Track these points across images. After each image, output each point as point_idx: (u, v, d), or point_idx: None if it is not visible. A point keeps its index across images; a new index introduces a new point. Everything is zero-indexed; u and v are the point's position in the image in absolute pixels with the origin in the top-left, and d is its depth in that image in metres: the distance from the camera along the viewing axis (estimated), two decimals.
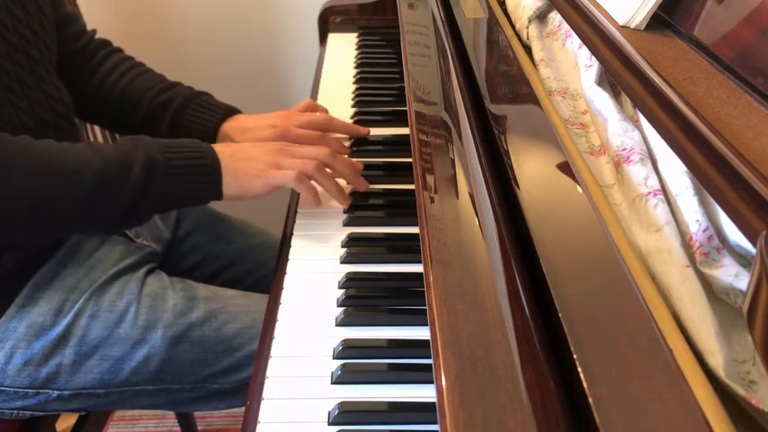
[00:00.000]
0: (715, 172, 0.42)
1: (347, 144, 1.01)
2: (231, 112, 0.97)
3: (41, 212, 0.70)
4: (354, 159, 0.97)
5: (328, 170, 0.82)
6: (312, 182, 0.80)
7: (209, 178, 0.76)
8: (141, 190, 0.72)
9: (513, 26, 0.83)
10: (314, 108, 1.00)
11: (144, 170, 0.72)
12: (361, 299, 0.71)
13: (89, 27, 1.06)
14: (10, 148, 0.69)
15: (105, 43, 1.04)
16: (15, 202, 0.68)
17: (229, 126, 0.95)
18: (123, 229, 0.86)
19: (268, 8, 1.75)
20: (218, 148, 0.78)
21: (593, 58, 0.65)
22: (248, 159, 0.78)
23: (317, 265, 0.77)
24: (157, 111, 0.96)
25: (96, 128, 1.29)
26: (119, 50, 1.04)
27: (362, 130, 1.01)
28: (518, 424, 0.38)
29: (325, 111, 1.01)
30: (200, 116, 0.96)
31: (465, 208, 0.59)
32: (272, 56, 1.82)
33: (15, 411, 0.82)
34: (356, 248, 0.78)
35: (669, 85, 0.50)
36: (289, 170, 0.78)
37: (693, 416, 0.33)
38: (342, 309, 0.70)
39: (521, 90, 0.67)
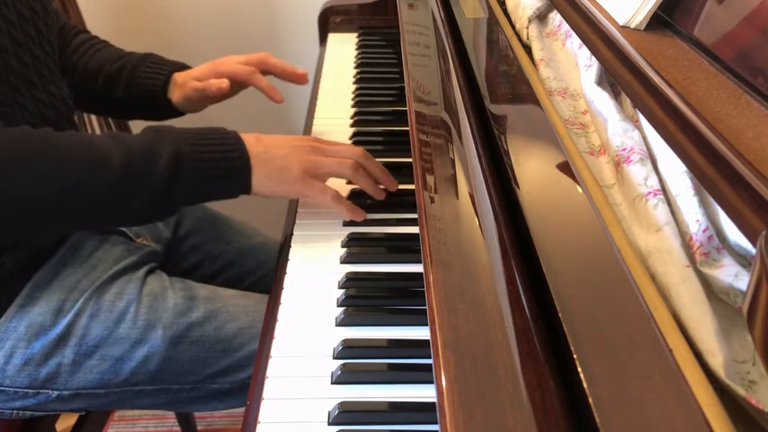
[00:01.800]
0: (715, 172, 0.42)
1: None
2: (183, 66, 1.02)
3: (66, 204, 0.68)
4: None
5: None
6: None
7: (238, 171, 0.74)
8: (168, 181, 0.70)
9: (513, 26, 0.83)
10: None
11: (171, 161, 0.70)
12: (361, 299, 0.71)
13: (88, 25, 1.07)
14: (32, 140, 0.68)
15: (72, 26, 1.06)
16: (40, 193, 0.66)
17: (177, 74, 1.00)
18: (148, 222, 0.84)
19: (268, 8, 1.75)
20: (249, 140, 0.76)
21: (593, 58, 0.65)
22: (283, 159, 0.76)
23: (317, 265, 0.77)
24: (114, 74, 1.00)
25: (95, 125, 1.29)
26: (84, 31, 1.07)
27: (299, 72, 1.02)
28: (518, 424, 0.38)
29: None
30: (151, 71, 1.00)
31: (465, 208, 0.59)
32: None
33: (15, 411, 0.82)
34: (356, 248, 0.78)
35: (669, 85, 0.50)
36: (326, 189, 0.77)
37: (693, 416, 0.33)
38: (342, 309, 0.70)
39: (521, 90, 0.67)
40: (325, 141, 0.82)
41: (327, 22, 1.46)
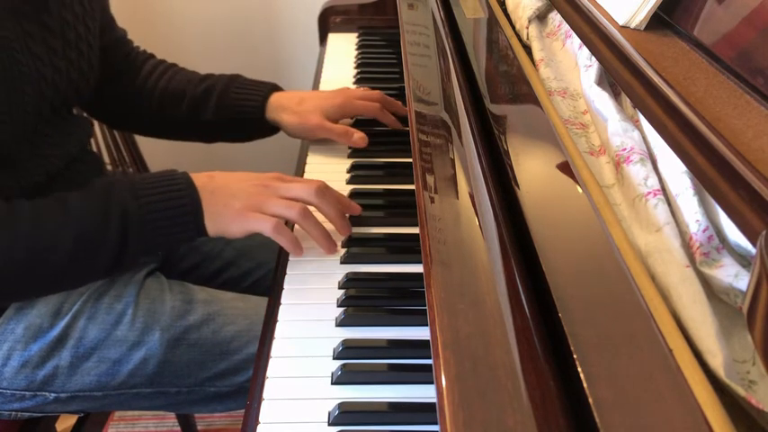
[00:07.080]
0: (715, 172, 0.42)
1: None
2: (276, 87, 1.01)
3: (23, 280, 0.71)
4: (353, 161, 0.97)
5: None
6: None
7: (189, 218, 0.73)
8: (119, 245, 0.71)
9: (513, 26, 0.83)
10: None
11: (120, 227, 0.71)
12: (362, 299, 0.71)
13: None
14: None
15: (140, 51, 1.08)
16: None
17: (282, 95, 0.99)
18: (113, 275, 0.84)
19: (268, 8, 1.76)
20: (200, 181, 0.75)
21: (593, 58, 0.65)
22: (230, 197, 0.74)
23: (316, 266, 0.77)
24: (202, 97, 1.00)
25: (97, 131, 1.28)
26: (153, 56, 1.09)
27: (401, 110, 1.03)
28: (518, 424, 0.38)
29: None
30: (244, 93, 0.99)
31: (465, 208, 0.59)
32: (272, 56, 1.82)
33: (13, 413, 0.82)
34: (356, 248, 0.78)
35: (669, 85, 0.50)
36: (267, 219, 0.74)
37: (693, 416, 0.33)
38: (342, 309, 0.69)
39: (521, 90, 0.67)
40: (280, 178, 0.78)
41: (327, 22, 1.46)
